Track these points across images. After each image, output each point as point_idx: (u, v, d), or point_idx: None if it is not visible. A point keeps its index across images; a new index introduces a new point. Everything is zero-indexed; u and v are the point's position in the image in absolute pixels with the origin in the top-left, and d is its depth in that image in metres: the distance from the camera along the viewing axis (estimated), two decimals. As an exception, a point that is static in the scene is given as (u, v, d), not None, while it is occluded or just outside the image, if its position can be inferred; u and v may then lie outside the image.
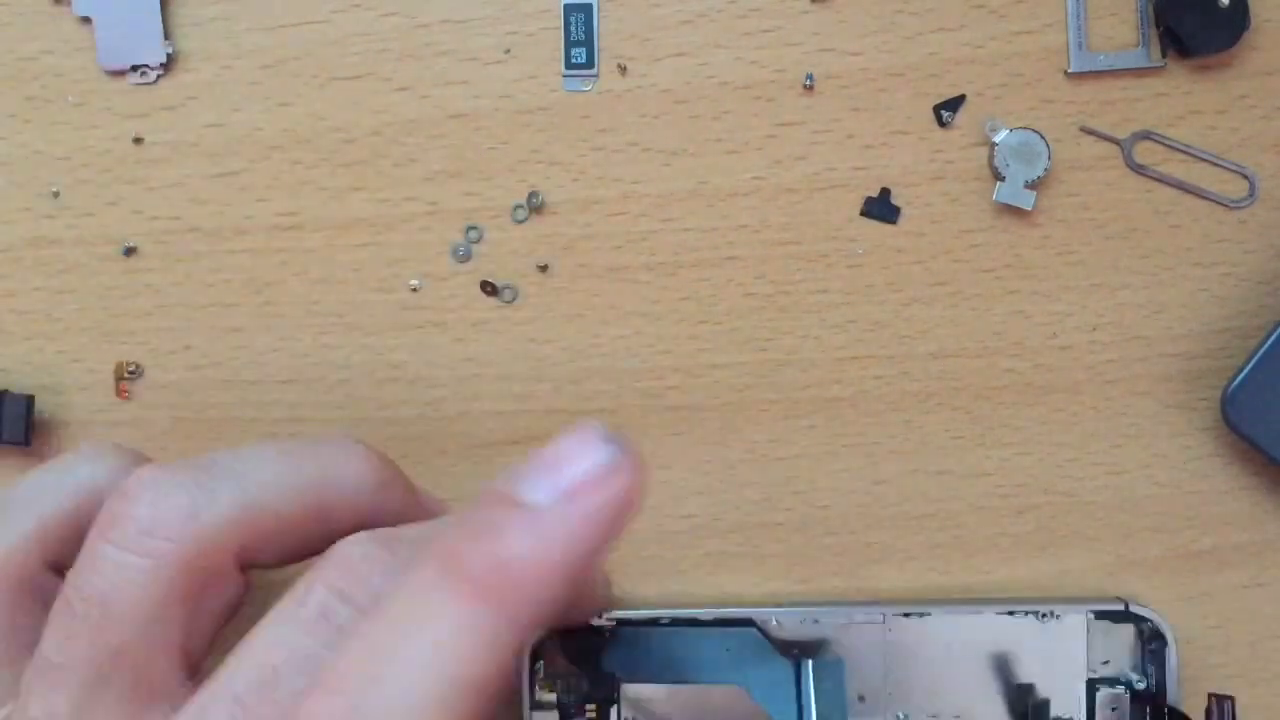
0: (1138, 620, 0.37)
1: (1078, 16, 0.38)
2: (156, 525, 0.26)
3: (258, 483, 0.27)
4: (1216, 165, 0.38)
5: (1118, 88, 0.38)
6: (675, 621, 0.36)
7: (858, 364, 0.38)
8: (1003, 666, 0.37)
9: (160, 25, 0.38)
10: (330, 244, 0.38)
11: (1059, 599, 0.37)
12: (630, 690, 0.36)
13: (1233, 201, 0.38)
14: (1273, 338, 0.36)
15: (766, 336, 0.38)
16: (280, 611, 0.25)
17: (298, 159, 0.38)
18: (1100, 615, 0.37)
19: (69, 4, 0.38)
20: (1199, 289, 0.38)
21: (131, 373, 0.38)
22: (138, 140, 0.38)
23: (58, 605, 0.26)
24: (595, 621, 0.36)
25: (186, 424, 0.38)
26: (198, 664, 0.27)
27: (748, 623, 0.37)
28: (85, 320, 0.38)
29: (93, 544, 0.26)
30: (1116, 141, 0.38)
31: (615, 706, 0.36)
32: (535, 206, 0.38)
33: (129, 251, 0.38)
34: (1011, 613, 0.37)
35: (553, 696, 0.36)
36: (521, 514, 0.22)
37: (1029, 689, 0.37)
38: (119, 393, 0.38)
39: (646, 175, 0.38)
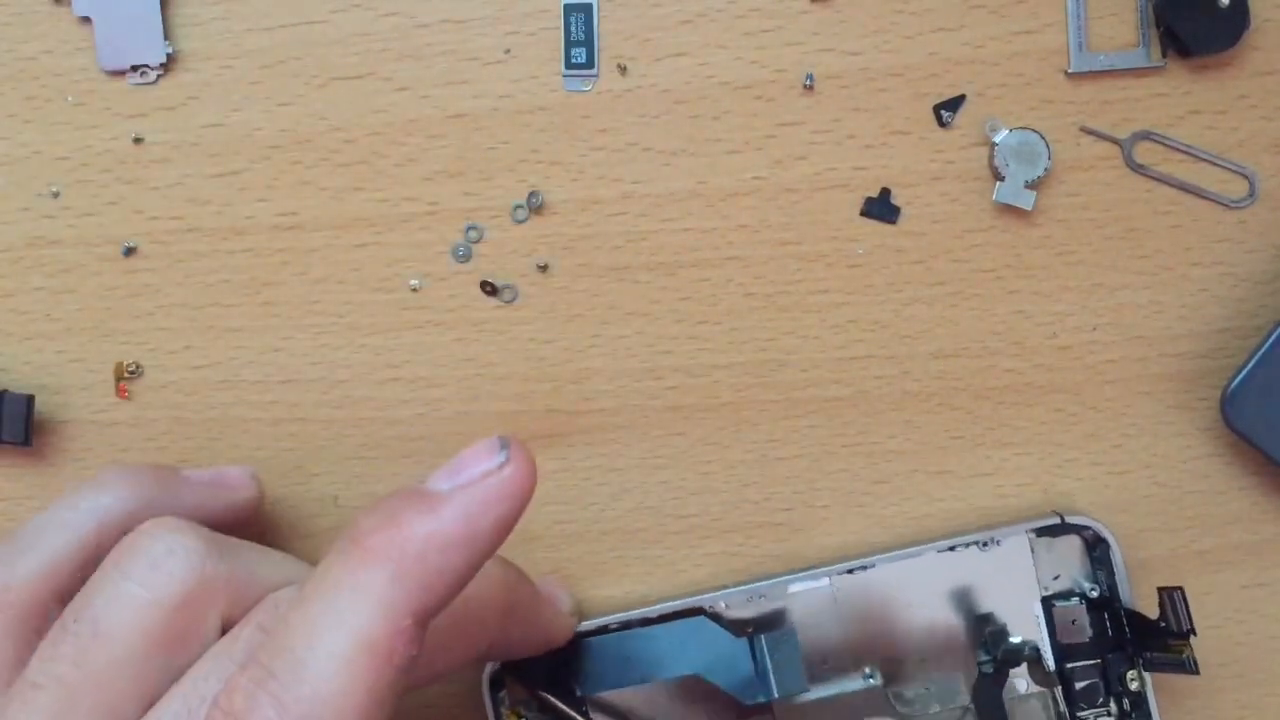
0: (1078, 530, 0.37)
1: (1078, 16, 0.38)
2: (165, 562, 0.27)
3: (263, 564, 0.29)
4: (1216, 165, 0.38)
5: (1118, 88, 0.38)
6: (626, 625, 0.36)
7: (858, 364, 0.38)
8: (957, 602, 0.37)
9: (160, 25, 0.38)
10: (330, 244, 0.38)
11: (996, 525, 0.37)
12: (597, 705, 0.36)
13: (1233, 201, 0.38)
14: (1273, 338, 0.36)
15: (766, 336, 0.38)
16: (217, 648, 0.27)
17: (298, 159, 0.38)
18: (1040, 533, 0.37)
19: (69, 4, 0.38)
20: (1199, 289, 0.38)
21: (131, 373, 0.38)
22: (138, 140, 0.38)
23: (54, 627, 0.27)
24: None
25: (186, 424, 0.38)
26: None
27: (697, 612, 0.37)
28: (85, 320, 0.38)
29: (103, 569, 0.28)
30: (1116, 141, 0.38)
31: None
32: (535, 206, 0.38)
33: (129, 251, 0.38)
34: (953, 548, 0.37)
35: None
36: (422, 498, 0.25)
37: (987, 618, 0.37)
38: (119, 393, 0.38)
39: (646, 175, 0.38)
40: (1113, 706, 0.37)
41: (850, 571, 0.37)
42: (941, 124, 0.38)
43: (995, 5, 0.38)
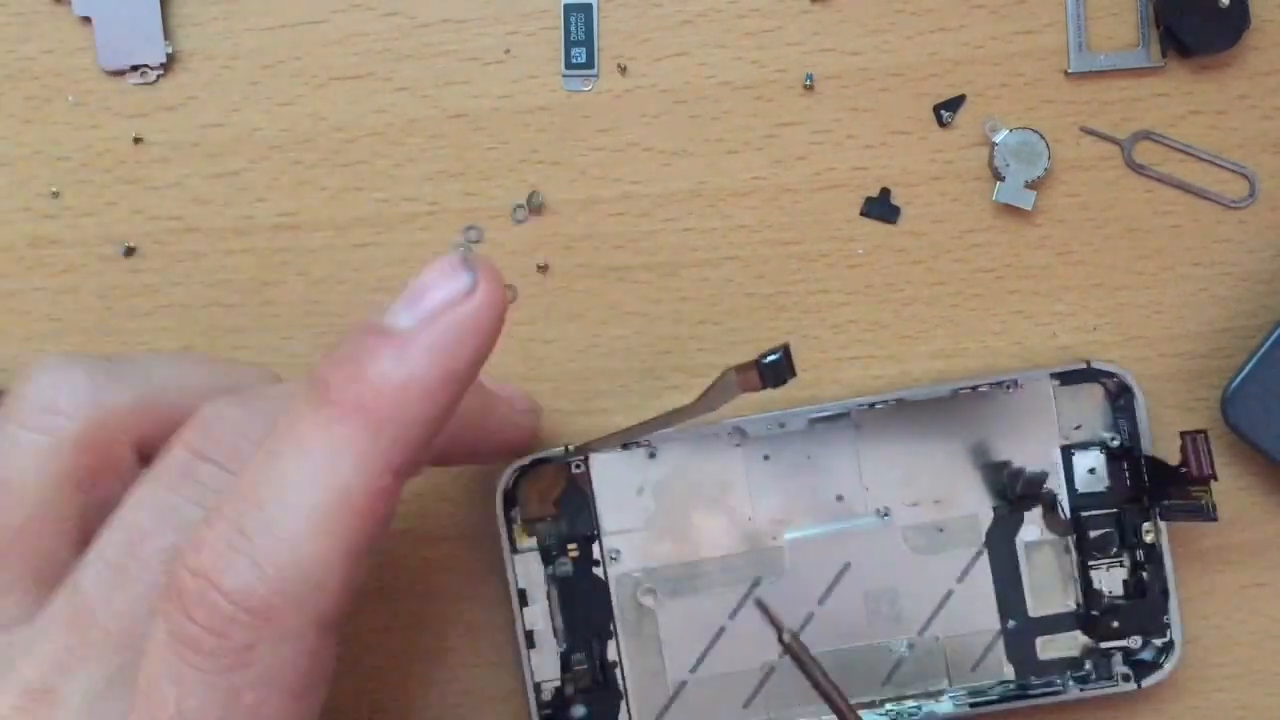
0: (1102, 378, 0.37)
1: (1078, 16, 0.38)
2: (57, 403, 0.26)
3: (162, 377, 0.27)
4: (1216, 165, 0.38)
5: (1118, 88, 0.38)
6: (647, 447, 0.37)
7: (858, 364, 0.38)
8: (976, 447, 0.37)
9: (160, 25, 0.38)
10: (330, 244, 0.38)
11: (1020, 369, 0.37)
12: (610, 524, 0.37)
13: (1233, 201, 0.38)
14: (1273, 338, 0.36)
15: (766, 336, 0.38)
16: (145, 478, 0.25)
17: (298, 159, 0.38)
18: (1065, 380, 0.37)
19: (69, 4, 0.38)
20: (1199, 289, 0.38)
21: (131, 373, 0.38)
22: (138, 140, 0.38)
23: None
24: (568, 459, 0.36)
25: (186, 424, 0.38)
26: None
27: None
28: (85, 320, 0.38)
29: None
30: (1116, 141, 0.38)
31: (597, 543, 0.37)
32: (535, 206, 0.38)
33: (129, 251, 0.38)
34: (975, 388, 0.36)
35: (533, 541, 0.36)
36: (386, 338, 0.23)
37: (1005, 464, 0.37)
38: (119, 393, 0.38)
39: (646, 175, 0.38)
40: (1125, 558, 0.37)
41: (873, 406, 0.36)
42: (941, 124, 0.38)
43: (995, 5, 0.38)
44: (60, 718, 0.24)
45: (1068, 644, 0.37)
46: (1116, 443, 0.37)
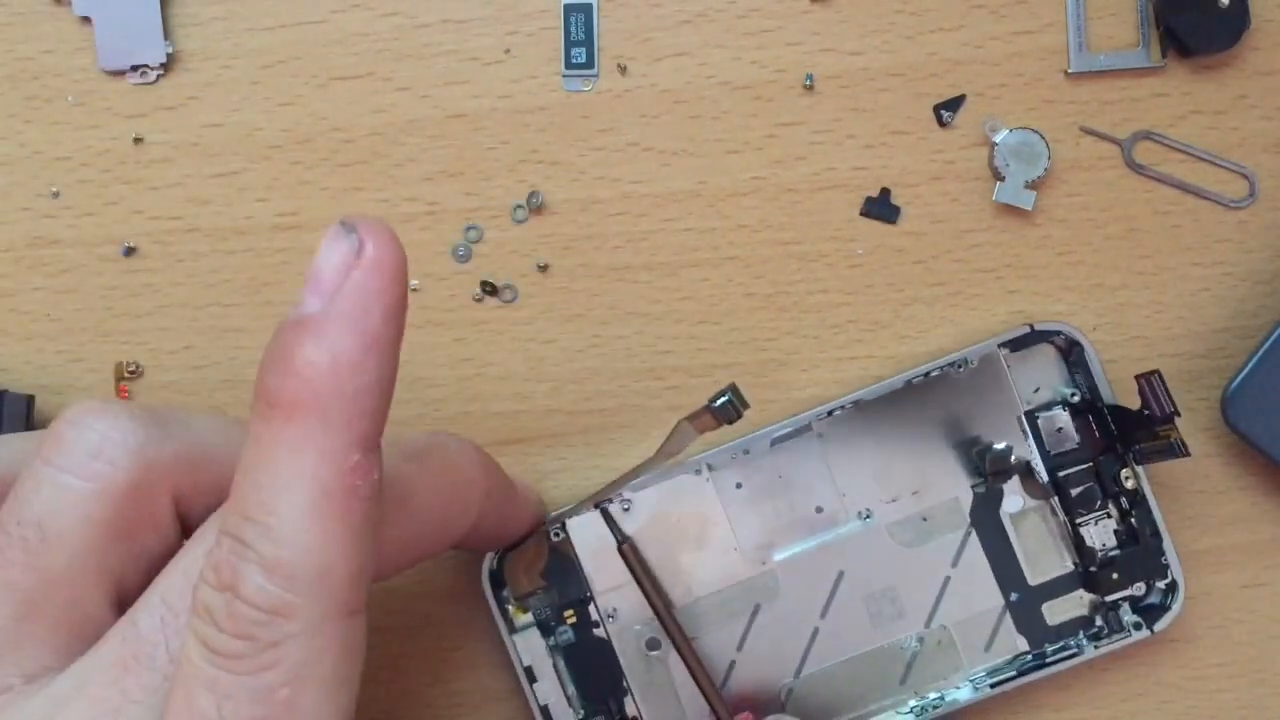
0: (1050, 337, 0.37)
1: (1078, 16, 0.38)
2: (102, 450, 0.26)
3: (205, 434, 0.28)
4: (1216, 165, 0.38)
5: (1118, 88, 0.38)
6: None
7: (858, 364, 0.38)
8: (943, 431, 0.37)
9: (160, 25, 0.38)
10: (330, 244, 0.38)
11: (967, 346, 0.37)
12: (600, 584, 0.36)
13: (1233, 201, 0.38)
14: (1273, 338, 0.36)
15: (766, 336, 0.38)
16: (209, 522, 0.26)
17: (298, 159, 0.38)
18: (1014, 347, 0.37)
19: (69, 4, 0.38)
20: (1199, 289, 0.38)
21: (131, 373, 0.38)
22: (138, 140, 0.38)
23: None
24: (545, 528, 0.36)
25: (186, 424, 0.38)
26: (128, 605, 0.27)
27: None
28: (85, 320, 0.38)
29: (36, 468, 0.26)
30: (1116, 141, 0.38)
31: (592, 604, 0.37)
32: (535, 206, 0.38)
33: (129, 251, 0.38)
34: (928, 374, 0.37)
35: (529, 617, 0.36)
36: (302, 328, 0.23)
37: (974, 441, 0.37)
38: (119, 393, 0.38)
39: (646, 175, 0.38)
40: (1111, 508, 0.37)
41: (831, 413, 0.37)
42: (941, 124, 0.38)
43: (995, 5, 0.38)
44: None
45: (1074, 604, 0.37)
46: (1077, 398, 0.37)
